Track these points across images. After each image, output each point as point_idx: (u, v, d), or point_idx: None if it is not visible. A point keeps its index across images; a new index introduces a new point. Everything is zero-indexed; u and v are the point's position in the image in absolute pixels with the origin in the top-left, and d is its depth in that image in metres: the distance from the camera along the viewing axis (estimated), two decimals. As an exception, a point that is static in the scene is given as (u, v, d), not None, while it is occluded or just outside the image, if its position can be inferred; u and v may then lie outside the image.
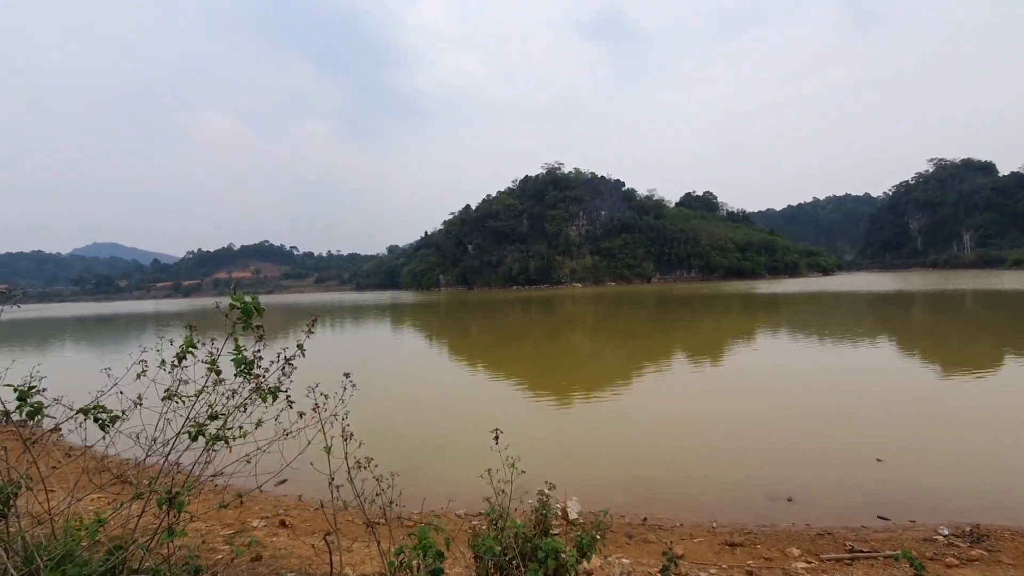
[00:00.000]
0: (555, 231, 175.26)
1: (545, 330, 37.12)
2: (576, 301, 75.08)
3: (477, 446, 10.37)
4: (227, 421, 2.82)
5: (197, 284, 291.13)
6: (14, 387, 2.79)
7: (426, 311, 64.77)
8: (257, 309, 2.87)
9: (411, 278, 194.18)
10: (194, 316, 68.79)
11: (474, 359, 23.87)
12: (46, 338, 40.77)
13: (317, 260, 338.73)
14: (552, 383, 16.92)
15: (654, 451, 9.70)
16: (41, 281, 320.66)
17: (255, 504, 6.33)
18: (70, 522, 2.26)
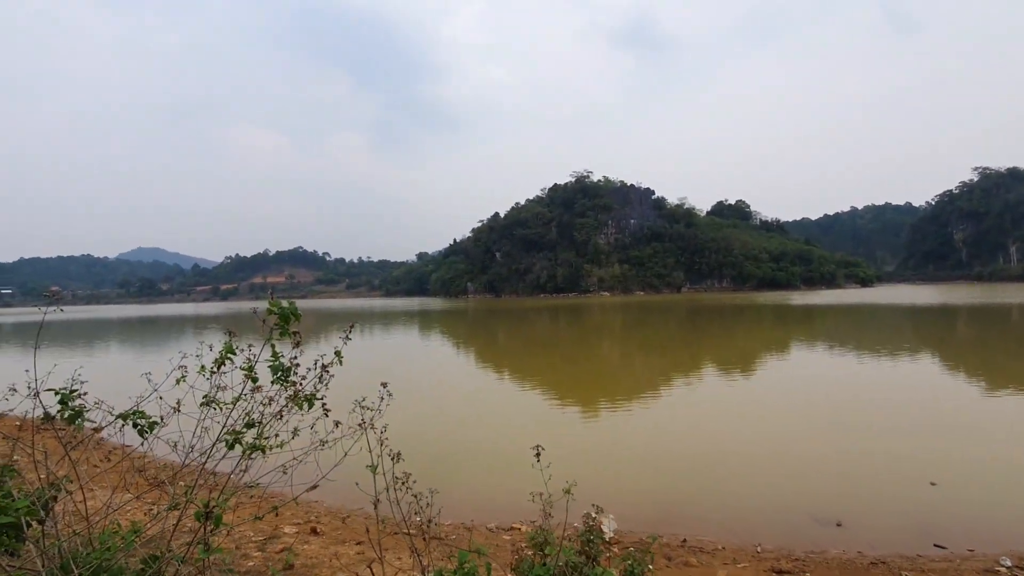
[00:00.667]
0: (583, 239, 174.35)
1: (572, 338, 36.78)
2: (604, 310, 74.35)
3: (504, 455, 10.28)
4: (264, 430, 2.77)
5: (234, 288, 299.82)
6: (55, 390, 2.79)
7: (454, 318, 65.05)
8: (294, 315, 2.83)
9: (440, 285, 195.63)
10: (230, 320, 70.79)
11: (501, 366, 23.76)
12: (92, 339, 42.45)
13: (348, 266, 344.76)
14: (579, 392, 16.66)
15: (687, 465, 9.37)
16: (90, 284, 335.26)
17: (286, 510, 6.32)
18: (106, 532, 2.22)
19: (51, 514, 2.28)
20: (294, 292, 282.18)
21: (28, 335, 47.00)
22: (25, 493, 2.62)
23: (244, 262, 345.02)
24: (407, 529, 2.70)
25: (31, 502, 2.05)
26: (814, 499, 7.61)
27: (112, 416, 2.60)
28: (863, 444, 10.21)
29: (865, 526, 6.71)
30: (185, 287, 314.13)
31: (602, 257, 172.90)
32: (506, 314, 70.87)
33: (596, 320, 54.99)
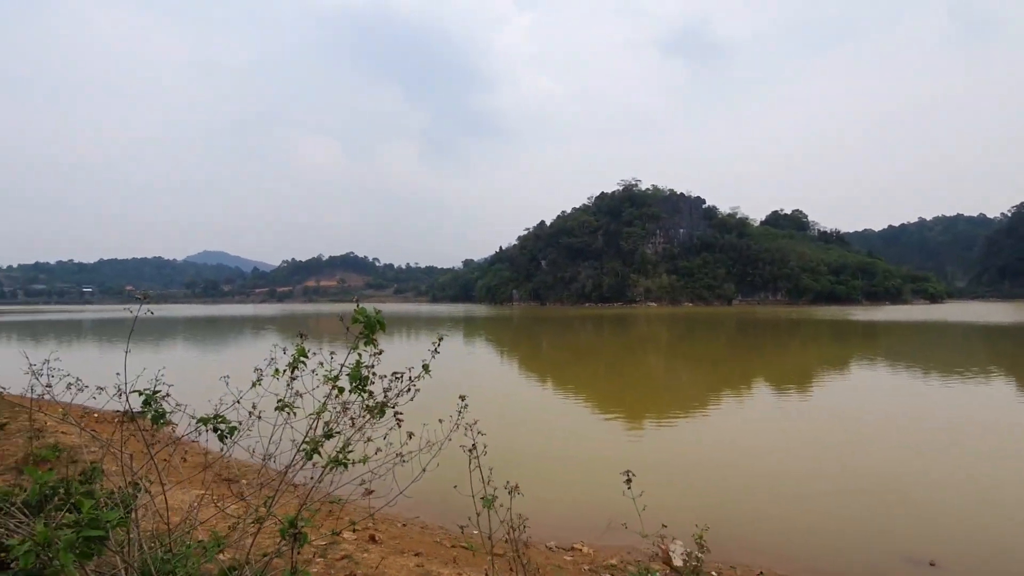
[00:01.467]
0: (630, 248, 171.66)
1: (617, 349, 36.08)
2: (650, 321, 72.76)
3: (550, 467, 10.04)
4: (345, 444, 2.73)
5: (290, 291, 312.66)
6: (140, 391, 2.82)
7: (498, 325, 65.20)
8: (380, 324, 2.78)
9: (485, 292, 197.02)
10: (285, 321, 73.58)
11: (544, 375, 23.51)
12: (163, 336, 44.90)
13: (397, 272, 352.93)
14: (625, 404, 16.22)
15: (749, 486, 8.85)
16: (160, 284, 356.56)
17: (345, 514, 6.32)
18: (189, 547, 2.20)
19: (133, 517, 2.28)
20: (345, 296, 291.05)
21: (105, 331, 50.35)
22: (109, 494, 2.64)
23: (299, 266, 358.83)
24: (492, 549, 2.57)
25: (120, 516, 2.04)
26: (900, 534, 6.99)
27: (193, 420, 2.60)
28: (948, 474, 9.39)
29: (962, 567, 6.09)
30: (245, 289, 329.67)
31: (649, 267, 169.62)
32: (550, 322, 70.46)
33: (642, 331, 53.84)
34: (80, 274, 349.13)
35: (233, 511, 2.88)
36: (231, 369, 3.05)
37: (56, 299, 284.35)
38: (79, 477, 3.17)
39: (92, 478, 2.54)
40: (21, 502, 2.49)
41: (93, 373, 3.26)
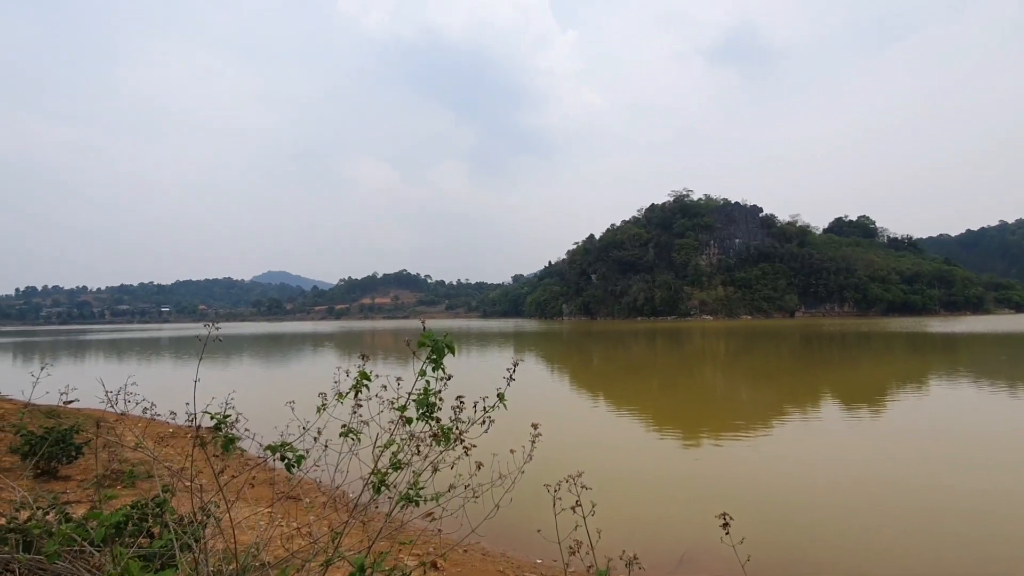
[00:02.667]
0: (683, 260, 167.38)
1: (671, 364, 35.06)
2: (706, 335, 70.35)
3: (604, 488, 9.74)
4: (416, 480, 2.67)
5: (347, 308, 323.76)
6: (211, 414, 2.95)
7: (548, 340, 64.85)
8: (449, 348, 2.67)
9: (535, 307, 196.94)
10: (342, 337, 76.09)
11: (595, 390, 23.09)
12: (232, 353, 47.37)
13: (448, 288, 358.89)
14: (683, 421, 15.70)
15: (830, 513, 8.28)
16: (229, 303, 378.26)
17: (397, 534, 6.36)
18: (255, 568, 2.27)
19: (201, 543, 2.38)
20: (398, 312, 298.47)
21: (179, 348, 53.72)
22: (179, 519, 2.77)
23: (355, 284, 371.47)
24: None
25: (190, 543, 2.12)
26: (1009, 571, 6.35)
27: (262, 447, 2.69)
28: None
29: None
30: (305, 306, 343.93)
31: (704, 279, 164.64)
32: (601, 337, 69.41)
33: (697, 345, 52.11)
34: (159, 295, 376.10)
35: (298, 534, 2.92)
36: (293, 387, 3.15)
37: (138, 318, 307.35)
38: (152, 499, 3.36)
39: (164, 502, 2.68)
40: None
41: (168, 389, 3.46)
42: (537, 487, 2.70)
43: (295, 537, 3.57)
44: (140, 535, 3.27)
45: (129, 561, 2.01)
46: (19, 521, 3.20)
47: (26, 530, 3.03)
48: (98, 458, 8.14)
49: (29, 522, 3.12)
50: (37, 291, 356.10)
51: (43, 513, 3.26)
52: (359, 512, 2.61)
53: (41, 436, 7.33)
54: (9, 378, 26.67)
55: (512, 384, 2.95)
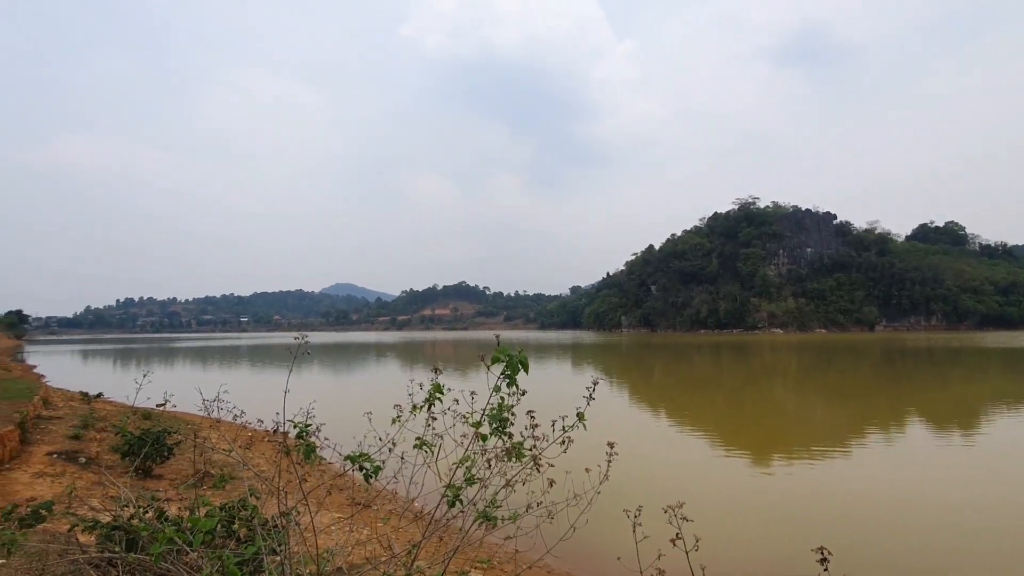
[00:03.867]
0: (750, 271, 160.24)
1: (738, 379, 33.50)
2: (776, 349, 66.81)
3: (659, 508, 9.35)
4: (494, 498, 2.67)
5: (408, 319, 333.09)
6: (294, 423, 3.11)
7: (607, 352, 63.78)
8: (523, 365, 2.62)
9: (593, 318, 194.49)
10: (404, 347, 78.18)
11: (658, 405, 22.41)
12: (304, 360, 49.71)
13: (506, 299, 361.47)
14: (754, 440, 14.91)
15: (930, 545, 7.59)
16: (300, 313, 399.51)
17: (471, 551, 6.39)
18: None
19: (287, 550, 2.50)
20: (457, 323, 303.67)
21: (256, 356, 57.04)
22: (264, 522, 2.92)
23: (416, 295, 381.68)
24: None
25: (275, 546, 2.24)
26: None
27: (341, 456, 2.80)
28: None
29: None
30: (370, 317, 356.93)
31: (772, 290, 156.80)
32: (662, 349, 67.46)
33: (766, 360, 49.55)
34: (238, 305, 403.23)
35: (374, 543, 3.01)
36: (362, 396, 3.24)
37: (220, 327, 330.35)
38: (239, 502, 3.57)
39: (254, 508, 2.84)
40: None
41: (249, 396, 3.68)
42: (611, 508, 2.64)
43: (371, 545, 3.68)
44: (228, 537, 3.48)
45: (231, 564, 2.15)
46: (123, 519, 3.49)
47: (130, 529, 3.30)
48: (195, 462, 8.73)
49: (132, 520, 3.40)
50: (134, 302, 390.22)
51: (143, 511, 3.54)
52: (435, 526, 2.64)
53: (139, 437, 7.98)
54: (110, 382, 29.26)
55: (570, 398, 2.91)
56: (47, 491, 6.65)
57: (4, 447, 7.18)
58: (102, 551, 3.39)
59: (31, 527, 4.30)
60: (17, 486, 6.68)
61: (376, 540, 3.84)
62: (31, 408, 9.76)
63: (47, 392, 13.23)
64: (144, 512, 3.47)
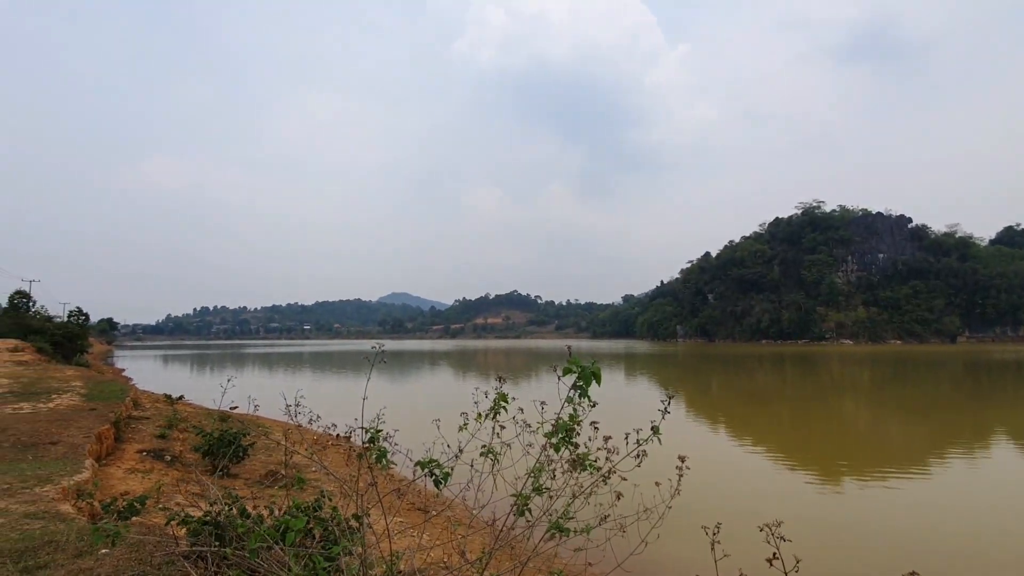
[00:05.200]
0: (815, 278, 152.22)
1: (804, 393, 31.84)
2: (845, 361, 63.02)
3: (745, 533, 9.00)
4: (567, 509, 2.66)
5: (461, 328, 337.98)
6: (366, 428, 3.27)
7: (661, 362, 62.23)
8: (596, 376, 2.59)
9: (646, 328, 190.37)
10: (456, 355, 79.31)
11: (715, 418, 21.62)
12: (366, 366, 51.45)
13: (557, 308, 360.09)
14: (818, 458, 14.09)
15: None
16: (358, 322, 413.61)
17: (540, 561, 6.39)
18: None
19: (362, 551, 2.64)
20: (509, 332, 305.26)
21: (321, 362, 59.49)
22: (339, 523, 3.09)
23: (469, 304, 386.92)
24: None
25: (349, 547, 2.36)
26: None
27: (411, 463, 2.93)
28: None
29: None
30: (424, 326, 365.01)
31: (840, 299, 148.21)
32: (720, 360, 65.08)
33: (834, 372, 46.83)
34: (302, 314, 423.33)
35: (442, 549, 3.09)
36: (421, 401, 3.35)
37: (285, 334, 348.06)
38: (313, 503, 3.78)
39: (335, 509, 3.01)
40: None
41: (321, 399, 3.89)
42: (680, 524, 2.61)
43: (439, 551, 3.79)
44: (304, 536, 3.69)
45: (321, 564, 2.29)
46: (212, 514, 3.76)
47: (219, 524, 3.56)
48: (285, 460, 9.22)
49: (221, 516, 3.66)
50: (209, 311, 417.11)
51: (228, 508, 3.80)
52: (504, 535, 2.70)
53: (217, 438, 8.55)
54: (190, 385, 31.32)
55: (626, 409, 2.91)
56: (138, 486, 7.22)
57: (102, 444, 7.87)
58: (193, 544, 3.67)
59: (127, 519, 4.71)
60: (113, 480, 7.29)
61: (442, 546, 3.94)
62: (123, 409, 10.65)
63: (136, 394, 14.37)
64: (229, 509, 3.73)
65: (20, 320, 36.42)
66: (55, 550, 3.82)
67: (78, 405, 10.09)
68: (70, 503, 5.09)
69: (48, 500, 4.93)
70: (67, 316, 45.72)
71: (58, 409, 9.58)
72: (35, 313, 40.39)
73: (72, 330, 36.90)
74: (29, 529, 4.17)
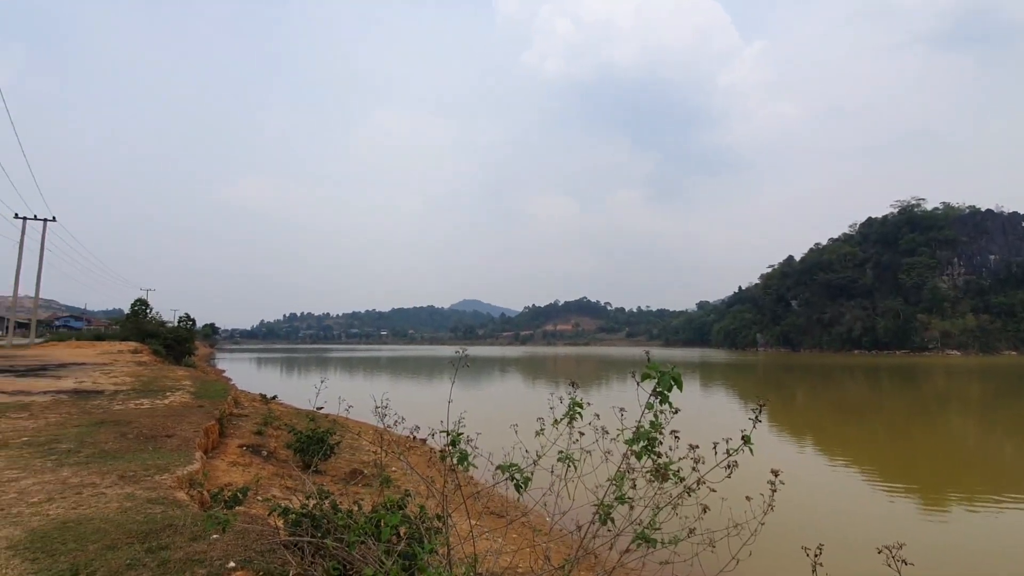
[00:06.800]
0: (915, 283, 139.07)
1: (903, 408, 29.12)
2: (952, 374, 57.01)
3: (837, 555, 8.37)
4: (653, 519, 2.61)
5: (531, 334, 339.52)
6: (447, 431, 3.40)
7: (738, 372, 59.21)
8: (676, 381, 2.53)
9: (723, 336, 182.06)
10: (526, 362, 79.65)
11: (802, 432, 20.24)
12: (435, 371, 53.01)
13: (628, 315, 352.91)
14: (920, 480, 12.93)
15: None
16: (431, 328, 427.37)
17: (623, 571, 6.29)
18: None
19: (447, 551, 2.75)
20: (579, 339, 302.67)
21: (396, 367, 61.90)
22: (422, 520, 3.22)
23: (538, 311, 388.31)
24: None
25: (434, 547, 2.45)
26: None
27: (492, 466, 3.01)
28: None
29: None
30: (494, 332, 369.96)
31: (945, 305, 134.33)
32: (807, 371, 60.95)
33: (939, 386, 42.51)
34: (379, 320, 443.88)
35: (524, 554, 3.14)
36: (496, 406, 3.39)
37: (364, 340, 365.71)
38: (398, 501, 3.96)
39: (422, 507, 3.16)
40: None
41: (398, 402, 4.07)
42: (771, 542, 2.49)
43: (517, 555, 3.86)
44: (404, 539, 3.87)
45: (422, 558, 2.41)
46: (308, 507, 4.04)
47: (315, 517, 3.82)
48: (379, 456, 9.73)
49: (316, 509, 3.93)
50: (296, 317, 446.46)
51: (322, 502, 4.07)
52: (588, 542, 2.70)
53: (308, 436, 9.14)
54: (282, 386, 33.61)
55: (697, 419, 2.80)
56: (239, 478, 7.85)
57: (208, 438, 8.65)
58: (291, 534, 3.96)
59: (231, 508, 5.16)
60: (217, 472, 7.98)
61: (519, 551, 3.99)
62: (226, 407, 11.66)
63: (236, 393, 15.66)
64: (322, 503, 3.99)
65: (139, 325, 40.66)
66: (174, 533, 4.22)
67: (188, 402, 11.16)
68: (184, 491, 5.63)
69: (166, 487, 5.47)
70: (177, 321, 50.57)
71: (172, 405, 10.64)
72: (151, 319, 44.93)
73: (181, 334, 40.77)
74: (152, 513, 4.64)
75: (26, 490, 5.10)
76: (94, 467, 5.94)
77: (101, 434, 7.60)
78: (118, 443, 7.14)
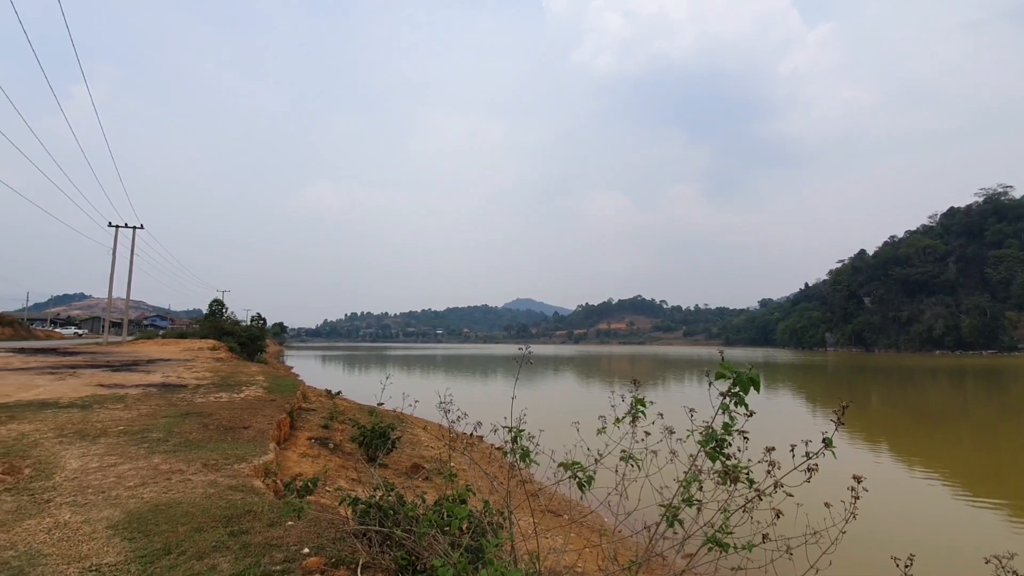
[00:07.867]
0: (1002, 277, 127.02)
1: (990, 413, 26.76)
2: (1054, 377, 51.72)
3: (929, 567, 7.79)
4: (725, 524, 2.52)
5: (584, 333, 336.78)
6: (509, 427, 3.44)
7: (807, 373, 56.21)
8: (754, 383, 2.42)
9: (788, 335, 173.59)
10: (580, 361, 79.03)
11: (877, 437, 18.98)
12: (489, 368, 53.62)
13: (685, 314, 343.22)
14: (1009, 491, 11.74)
15: None
16: (485, 327, 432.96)
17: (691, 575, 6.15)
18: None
19: (512, 546, 2.79)
20: (634, 338, 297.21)
21: (451, 365, 63.09)
22: (484, 514, 3.27)
23: (592, 310, 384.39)
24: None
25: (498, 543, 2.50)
26: None
27: (554, 464, 3.03)
28: None
29: None
30: (548, 331, 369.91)
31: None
32: (881, 372, 57.07)
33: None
34: (434, 319, 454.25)
35: (586, 554, 3.13)
36: (552, 404, 3.37)
37: (420, 338, 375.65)
38: (458, 496, 4.04)
39: (486, 503, 3.22)
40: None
41: (457, 399, 4.14)
42: (853, 550, 2.35)
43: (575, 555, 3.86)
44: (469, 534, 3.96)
45: (490, 551, 2.47)
46: (376, 498, 4.20)
47: (382, 507, 3.97)
48: (449, 457, 10.01)
49: (383, 501, 4.08)
50: (357, 316, 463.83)
51: (388, 494, 4.22)
52: (655, 544, 2.66)
53: (370, 430, 9.48)
54: (345, 382, 34.99)
55: (763, 422, 2.64)
56: (309, 469, 8.25)
57: (280, 430, 9.14)
58: (360, 524, 4.13)
59: (303, 497, 5.44)
60: (289, 462, 8.41)
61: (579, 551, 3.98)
62: (296, 401, 12.29)
63: (304, 388, 16.44)
64: (389, 495, 4.13)
65: (216, 324, 43.53)
66: (253, 519, 4.50)
67: (261, 396, 11.83)
68: (260, 479, 5.98)
69: (244, 476, 5.83)
70: (250, 320, 53.69)
71: (247, 399, 11.32)
72: (227, 318, 47.96)
73: (254, 332, 43.31)
74: (232, 500, 4.96)
75: (123, 475, 5.58)
76: (181, 455, 6.42)
77: (186, 425, 8.19)
78: (201, 433, 7.67)
